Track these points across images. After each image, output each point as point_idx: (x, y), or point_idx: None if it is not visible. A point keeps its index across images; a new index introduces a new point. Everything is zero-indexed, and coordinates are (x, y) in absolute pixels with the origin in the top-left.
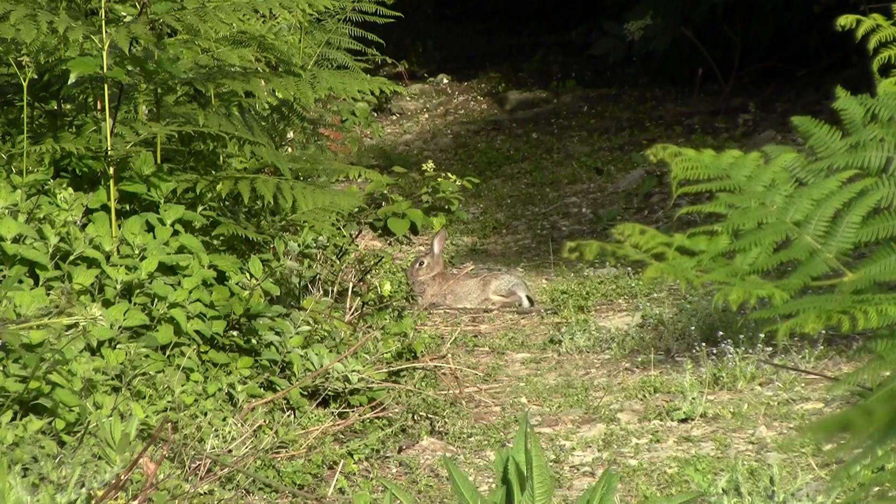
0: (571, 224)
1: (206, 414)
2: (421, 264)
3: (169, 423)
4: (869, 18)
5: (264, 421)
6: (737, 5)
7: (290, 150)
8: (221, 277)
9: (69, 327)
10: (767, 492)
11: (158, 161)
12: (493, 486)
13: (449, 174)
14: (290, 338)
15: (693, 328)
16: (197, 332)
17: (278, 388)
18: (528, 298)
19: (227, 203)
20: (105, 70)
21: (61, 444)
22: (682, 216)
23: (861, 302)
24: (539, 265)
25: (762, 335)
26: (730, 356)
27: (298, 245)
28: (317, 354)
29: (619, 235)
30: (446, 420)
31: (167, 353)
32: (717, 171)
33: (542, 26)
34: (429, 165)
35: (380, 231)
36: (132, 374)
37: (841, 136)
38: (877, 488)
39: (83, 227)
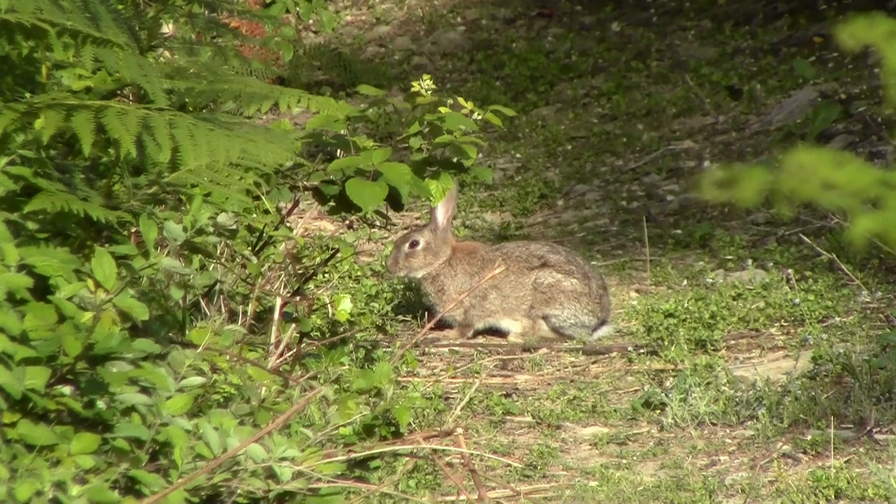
0: (683, 190)
1: None
2: (414, 245)
3: None
4: None
5: None
6: None
7: (167, 55)
8: (43, 288)
9: None
10: None
11: None
12: None
13: (460, 99)
14: (168, 399)
15: None
16: None
17: (146, 490)
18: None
19: (53, 152)
20: None
21: None
22: None
23: None
24: (625, 265)
25: None
26: None
27: (184, 229)
28: (217, 428)
29: (798, 170)
30: None
31: None
32: None
33: None
34: (423, 83)
35: (332, 203)
36: None
37: None
38: None
39: None
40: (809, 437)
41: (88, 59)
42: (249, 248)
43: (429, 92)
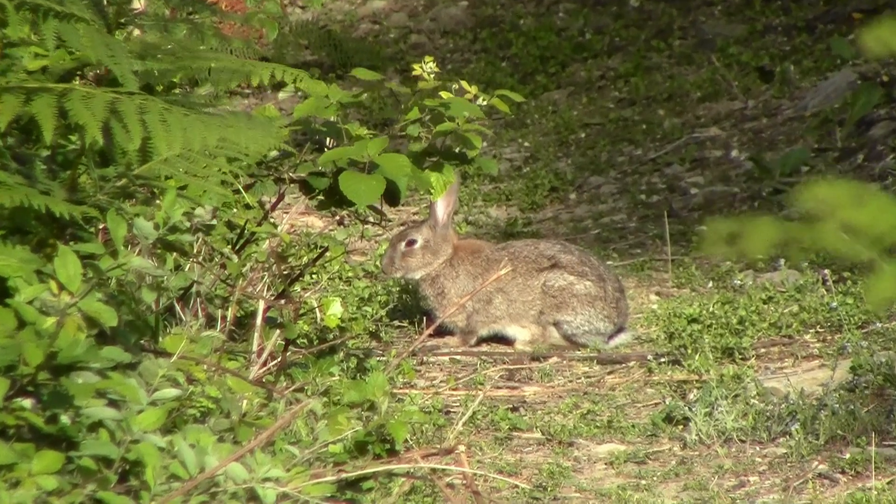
0: (708, 182)
1: None
2: (411, 243)
3: None
4: None
5: None
6: None
7: (137, 33)
8: (0, 290)
9: None
10: None
11: None
12: None
13: (463, 82)
14: (140, 412)
15: None
16: None
17: None
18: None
19: (9, 140)
20: None
21: None
22: None
23: None
24: (644, 265)
25: None
26: None
27: (156, 225)
28: (193, 446)
29: (812, 202)
30: None
31: None
32: None
33: None
34: (424, 65)
35: (321, 198)
36: None
37: None
38: None
39: None
40: (848, 456)
41: (50, 37)
42: (229, 247)
43: (431, 76)
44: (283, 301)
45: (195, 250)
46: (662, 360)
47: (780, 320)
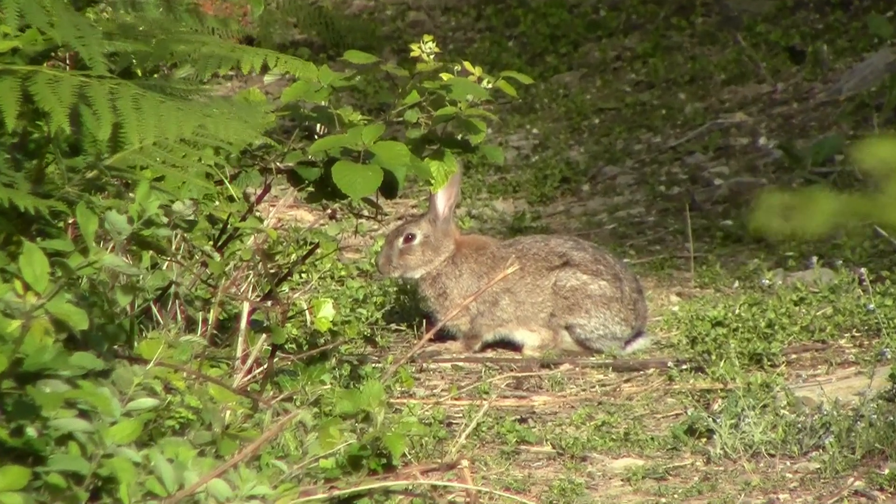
0: (734, 172)
1: None
2: (410, 239)
3: None
4: None
5: None
6: None
7: (107, 14)
8: None
9: None
10: None
11: None
12: None
13: (466, 63)
14: (113, 424)
15: None
16: None
17: None
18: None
19: None
20: None
21: None
22: None
23: None
24: (664, 263)
25: None
26: None
27: (130, 220)
28: (171, 460)
29: (873, 162)
30: None
31: None
32: None
33: None
34: (423, 45)
35: (311, 190)
36: None
37: None
38: None
39: None
40: (887, 472)
41: (12, 14)
42: (211, 243)
43: (431, 57)
44: (269, 303)
45: (173, 247)
46: (684, 367)
47: (813, 323)
